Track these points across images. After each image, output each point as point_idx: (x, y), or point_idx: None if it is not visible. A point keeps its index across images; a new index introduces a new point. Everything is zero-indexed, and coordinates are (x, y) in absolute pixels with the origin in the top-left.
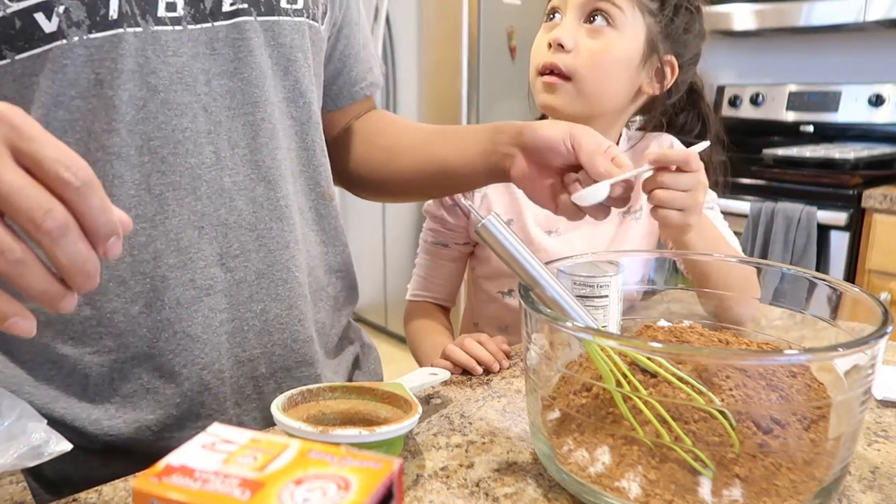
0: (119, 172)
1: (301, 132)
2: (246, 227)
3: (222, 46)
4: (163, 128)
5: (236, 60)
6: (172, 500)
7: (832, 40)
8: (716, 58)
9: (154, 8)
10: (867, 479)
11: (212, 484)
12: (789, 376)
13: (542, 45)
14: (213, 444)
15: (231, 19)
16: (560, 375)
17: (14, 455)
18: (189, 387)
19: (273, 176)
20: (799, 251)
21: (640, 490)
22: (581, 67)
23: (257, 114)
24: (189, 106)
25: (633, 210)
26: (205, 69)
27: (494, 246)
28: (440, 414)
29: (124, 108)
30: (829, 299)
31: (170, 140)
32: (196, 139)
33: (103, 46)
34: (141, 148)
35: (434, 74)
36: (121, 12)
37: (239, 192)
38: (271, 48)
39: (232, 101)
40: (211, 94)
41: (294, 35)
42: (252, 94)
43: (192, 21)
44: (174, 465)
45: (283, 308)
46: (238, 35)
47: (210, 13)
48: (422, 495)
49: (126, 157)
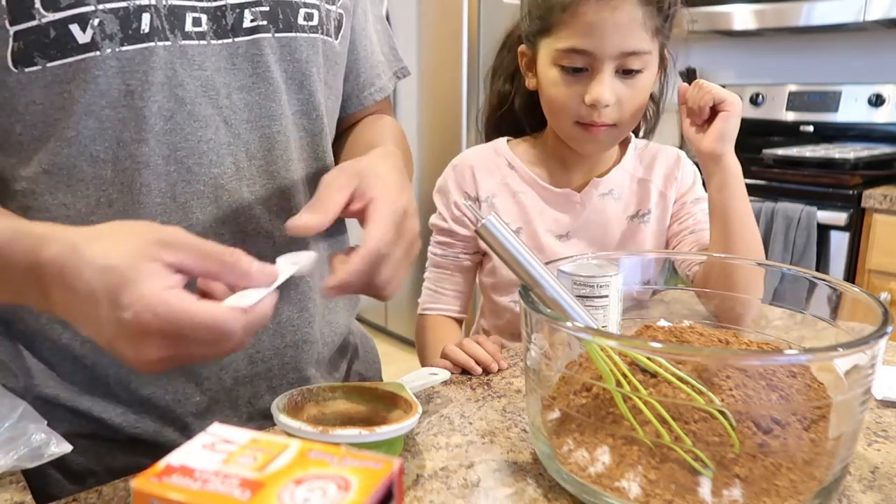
0: (147, 181)
1: (313, 143)
2: (263, 235)
3: (241, 61)
4: (189, 139)
5: (254, 75)
6: (172, 500)
7: (832, 40)
8: (716, 58)
9: (182, 23)
10: (867, 479)
11: (212, 484)
12: (789, 376)
13: (572, 97)
14: (213, 444)
15: (250, 35)
16: (560, 375)
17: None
18: (208, 386)
19: (287, 186)
20: (799, 251)
21: (640, 490)
22: (623, 114)
23: (273, 127)
24: (212, 118)
25: (641, 213)
26: (226, 83)
27: (494, 245)
28: (440, 414)
29: (153, 119)
30: (829, 299)
31: (195, 151)
32: (218, 150)
33: (135, 59)
34: (168, 158)
35: (434, 74)
36: (152, 26)
37: (257, 201)
38: (287, 63)
39: (250, 115)
40: (231, 107)
41: (309, 51)
42: (268, 108)
43: (214, 36)
44: (174, 465)
45: (296, 311)
46: (256, 51)
47: (231, 29)
48: (422, 495)
49: (154, 167)
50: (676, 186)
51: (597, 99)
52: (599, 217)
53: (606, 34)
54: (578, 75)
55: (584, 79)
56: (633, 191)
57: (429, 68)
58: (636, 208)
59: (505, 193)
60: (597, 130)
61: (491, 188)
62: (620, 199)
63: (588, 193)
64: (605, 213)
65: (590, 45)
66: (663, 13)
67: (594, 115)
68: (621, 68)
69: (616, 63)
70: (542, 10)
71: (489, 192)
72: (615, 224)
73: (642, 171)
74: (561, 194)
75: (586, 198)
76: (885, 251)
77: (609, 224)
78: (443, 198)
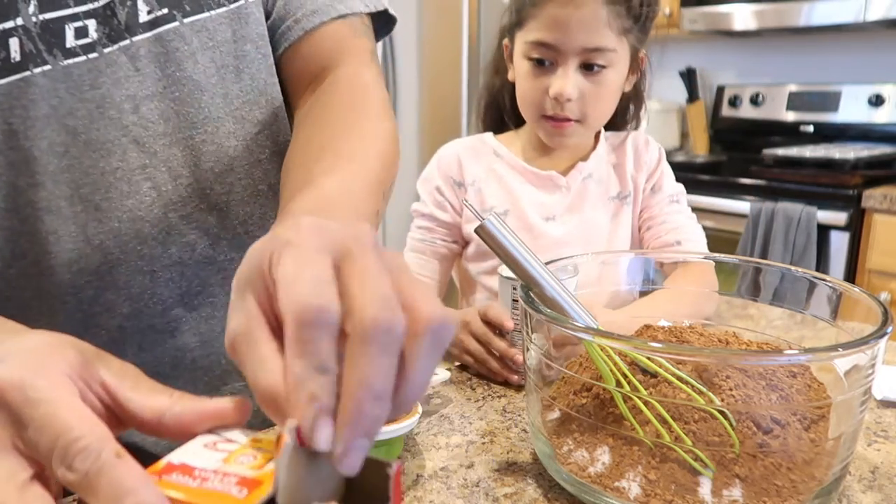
0: (53, 228)
1: (271, 135)
2: (204, 262)
3: (146, 64)
4: (90, 172)
5: (164, 78)
6: (171, 498)
7: (832, 40)
8: (716, 58)
9: (61, 40)
10: (867, 479)
11: (210, 482)
12: (789, 376)
13: (538, 90)
14: (214, 443)
15: (152, 30)
16: (560, 375)
17: None
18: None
19: (225, 202)
20: (799, 251)
21: (640, 490)
22: (588, 110)
23: (197, 136)
24: (116, 142)
25: (622, 195)
26: (129, 95)
27: (494, 246)
28: (440, 414)
29: (45, 158)
30: (829, 299)
31: (100, 185)
32: (130, 177)
33: (11, 93)
34: (71, 198)
35: (434, 74)
36: (23, 52)
37: (188, 226)
38: (211, 51)
39: (166, 126)
40: (141, 123)
41: (236, 26)
42: (187, 114)
43: (108, 42)
44: (175, 464)
45: None
46: (161, 48)
47: (126, 27)
48: (422, 495)
49: (57, 211)
50: (646, 168)
51: (559, 92)
52: (584, 199)
53: (570, 29)
54: (545, 69)
55: (550, 72)
56: (611, 174)
57: (429, 68)
58: (617, 190)
59: (491, 179)
60: (560, 125)
61: (477, 174)
62: (601, 183)
63: (573, 177)
64: (590, 195)
65: (554, 39)
66: (632, 14)
67: (558, 109)
68: (585, 63)
69: (579, 58)
70: (517, 4)
71: (475, 178)
72: (600, 205)
73: (615, 158)
74: (546, 177)
75: (571, 181)
76: (885, 251)
77: (595, 205)
78: (426, 185)
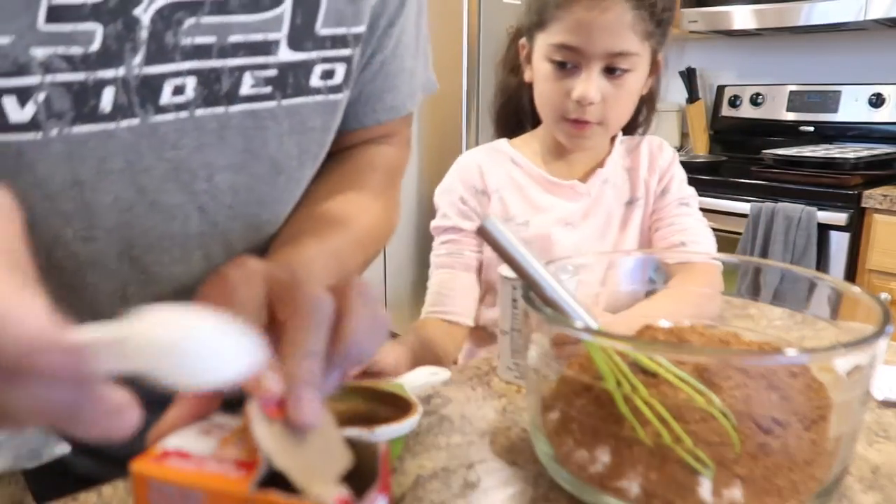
0: (93, 280)
1: None
2: None
3: (233, 135)
4: (148, 233)
5: (246, 152)
6: (170, 481)
7: (832, 40)
8: (716, 58)
9: (157, 95)
10: (867, 479)
11: (207, 465)
12: (789, 376)
13: (559, 92)
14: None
15: (248, 104)
16: (560, 375)
17: (12, 457)
18: None
19: None
20: (799, 251)
21: (640, 490)
22: (609, 113)
23: (263, 215)
24: (181, 207)
25: (633, 200)
26: (207, 162)
27: (494, 245)
28: (440, 414)
29: (106, 213)
30: (829, 299)
31: (154, 247)
32: (185, 244)
33: (88, 143)
34: (120, 255)
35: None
36: (116, 104)
37: None
38: (299, 135)
39: (234, 199)
40: (211, 192)
41: (327, 116)
42: (259, 192)
43: (203, 104)
44: (171, 450)
45: None
46: (252, 123)
47: (225, 95)
48: (422, 495)
49: (102, 266)
50: (659, 171)
51: (582, 95)
52: (602, 205)
53: (595, 33)
54: (567, 71)
55: (572, 75)
56: (625, 179)
57: None
58: (629, 195)
59: (511, 188)
60: (582, 127)
61: (498, 182)
62: (616, 187)
63: (592, 184)
64: (607, 201)
65: (578, 42)
66: (655, 18)
67: (580, 112)
68: (608, 67)
69: (603, 62)
70: (539, 5)
71: (497, 186)
72: (615, 211)
73: (630, 161)
74: (567, 186)
75: (591, 187)
76: (885, 251)
77: (610, 211)
78: (447, 196)
